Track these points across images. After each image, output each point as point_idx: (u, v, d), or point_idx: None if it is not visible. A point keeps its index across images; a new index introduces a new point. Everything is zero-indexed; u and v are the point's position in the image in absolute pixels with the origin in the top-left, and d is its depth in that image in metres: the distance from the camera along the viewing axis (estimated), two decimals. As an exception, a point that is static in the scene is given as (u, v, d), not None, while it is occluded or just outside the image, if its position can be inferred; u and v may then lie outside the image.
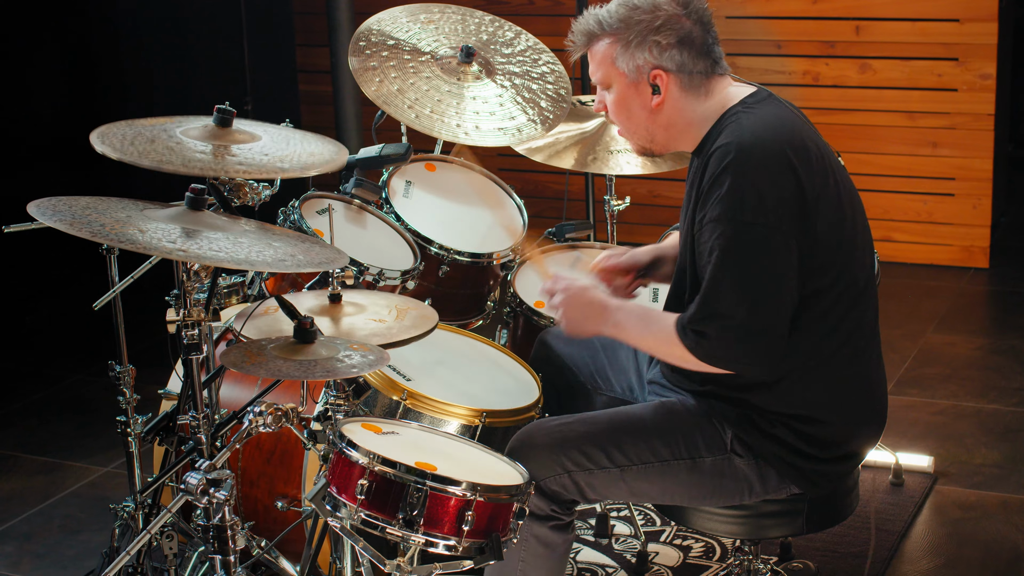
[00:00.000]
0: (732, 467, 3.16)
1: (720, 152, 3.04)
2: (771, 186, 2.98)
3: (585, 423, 3.23)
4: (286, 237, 2.96)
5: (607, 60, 3.18)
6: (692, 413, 3.20)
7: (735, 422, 3.15)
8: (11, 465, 5.05)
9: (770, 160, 3.00)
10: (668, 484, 3.19)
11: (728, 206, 2.98)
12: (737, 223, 2.98)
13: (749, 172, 2.99)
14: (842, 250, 3.10)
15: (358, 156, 4.17)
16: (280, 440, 3.73)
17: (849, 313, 3.14)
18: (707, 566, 4.13)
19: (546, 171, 6.98)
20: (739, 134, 3.05)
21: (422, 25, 4.33)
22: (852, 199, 3.19)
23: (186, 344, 2.96)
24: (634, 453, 3.16)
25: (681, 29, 3.11)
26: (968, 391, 5.43)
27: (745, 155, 3.00)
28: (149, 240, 2.63)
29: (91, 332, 3.75)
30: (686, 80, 3.14)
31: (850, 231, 3.14)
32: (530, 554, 3.16)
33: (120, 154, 2.80)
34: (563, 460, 3.14)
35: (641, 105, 3.18)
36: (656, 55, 3.11)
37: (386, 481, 2.86)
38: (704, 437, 3.16)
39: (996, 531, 4.32)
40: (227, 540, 2.89)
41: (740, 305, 2.98)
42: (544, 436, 3.19)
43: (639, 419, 3.22)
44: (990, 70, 6.63)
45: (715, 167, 3.03)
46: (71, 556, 4.35)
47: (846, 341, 3.14)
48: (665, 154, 3.35)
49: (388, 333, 3.21)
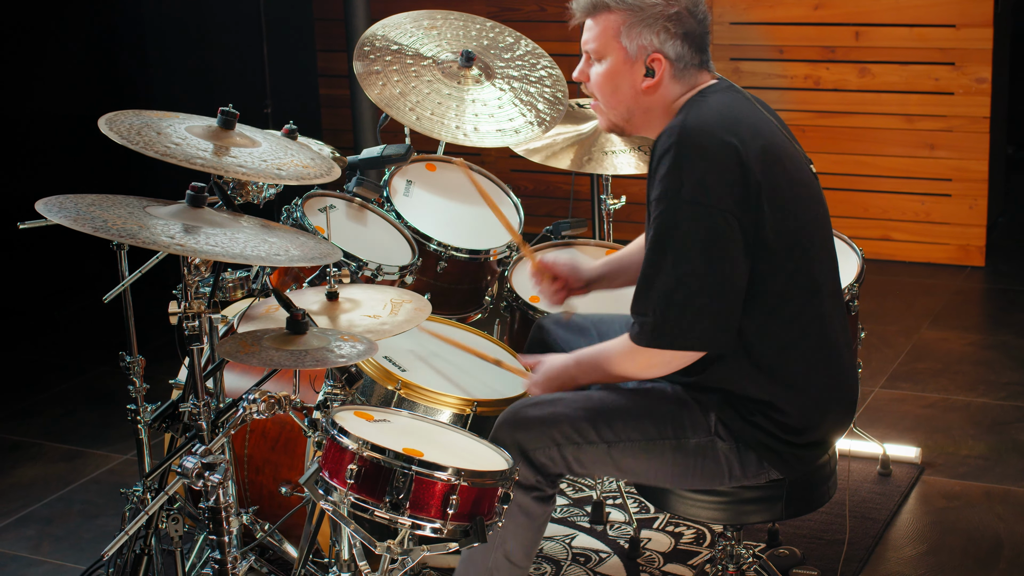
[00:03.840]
0: (715, 450, 3.20)
1: (665, 134, 3.09)
2: (711, 167, 3.02)
3: (576, 400, 3.27)
4: (283, 233, 3.01)
5: (609, 32, 3.20)
6: (679, 396, 3.24)
7: (718, 406, 3.20)
8: (35, 452, 5.14)
9: (711, 143, 3.04)
10: (653, 463, 3.23)
11: (667, 185, 3.04)
12: (676, 201, 3.03)
13: (689, 152, 3.03)
14: (797, 242, 3.14)
15: (360, 156, 4.24)
16: (284, 428, 3.78)
17: (809, 305, 3.17)
18: (697, 552, 4.18)
19: (555, 172, 7.06)
20: (684, 119, 3.10)
21: (425, 31, 4.37)
22: (811, 193, 3.23)
23: (187, 335, 3.03)
24: (622, 430, 3.21)
25: (688, 25, 3.18)
26: (958, 385, 5.46)
27: (687, 136, 3.04)
28: (148, 235, 2.69)
29: (115, 326, 3.83)
30: (679, 71, 3.20)
31: (805, 223, 3.18)
32: (511, 521, 3.22)
33: (126, 141, 2.85)
34: (553, 433, 3.19)
35: (631, 84, 3.22)
36: (661, 40, 3.16)
37: (375, 466, 2.90)
38: (690, 418, 3.20)
39: (979, 520, 4.36)
40: (221, 521, 2.94)
41: (680, 280, 3.03)
42: (536, 409, 3.24)
43: (628, 399, 3.27)
44: (986, 74, 6.66)
45: (660, 149, 3.08)
46: (88, 539, 4.43)
47: (809, 333, 3.18)
48: (633, 135, 3.37)
49: (381, 329, 3.25)
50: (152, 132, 2.95)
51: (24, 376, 5.95)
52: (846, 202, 7.08)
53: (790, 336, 3.17)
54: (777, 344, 3.16)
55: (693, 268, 3.03)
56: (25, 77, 6.57)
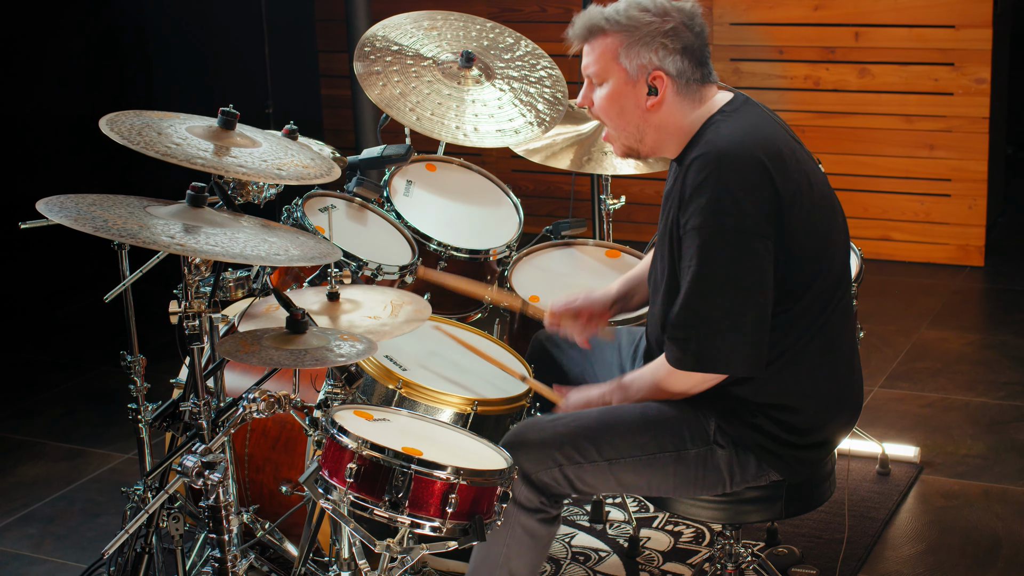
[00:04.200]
0: (714, 458, 3.22)
1: (700, 161, 3.09)
2: (749, 192, 3.04)
3: (575, 420, 3.28)
4: (282, 233, 3.02)
5: (608, 54, 3.21)
6: (677, 407, 3.25)
7: (719, 413, 3.22)
8: (38, 452, 5.16)
9: (747, 167, 3.05)
10: (655, 476, 3.25)
11: (709, 214, 3.05)
12: (717, 230, 3.05)
13: (728, 180, 3.04)
14: (819, 250, 3.16)
15: (361, 156, 4.24)
16: (285, 428, 3.80)
17: (824, 309, 3.19)
18: (696, 550, 4.19)
19: (556, 172, 7.07)
20: (717, 143, 3.10)
21: (425, 31, 4.38)
22: (829, 200, 3.26)
23: (187, 335, 3.04)
24: (622, 446, 3.22)
25: (686, 39, 3.18)
26: (957, 385, 5.47)
27: (724, 163, 3.06)
28: (148, 235, 2.70)
29: (117, 326, 3.84)
30: (682, 86, 3.20)
31: (826, 231, 3.20)
32: (516, 542, 3.23)
33: (127, 141, 2.86)
34: (555, 454, 3.20)
35: (635, 104, 3.22)
36: (660, 57, 3.17)
37: (374, 465, 2.90)
38: (689, 429, 3.22)
39: (977, 519, 4.37)
40: (221, 520, 2.96)
41: (722, 308, 3.06)
42: (536, 432, 3.25)
43: (627, 414, 3.28)
44: (985, 74, 6.67)
45: (696, 175, 3.08)
46: (90, 538, 4.45)
47: (821, 335, 3.20)
48: (650, 157, 3.38)
49: (382, 330, 3.26)
50: (153, 132, 2.96)
51: (26, 376, 5.97)
52: (846, 202, 6.98)
53: (801, 338, 3.19)
54: (788, 346, 3.18)
55: (737, 297, 3.07)
56: (27, 77, 6.58)
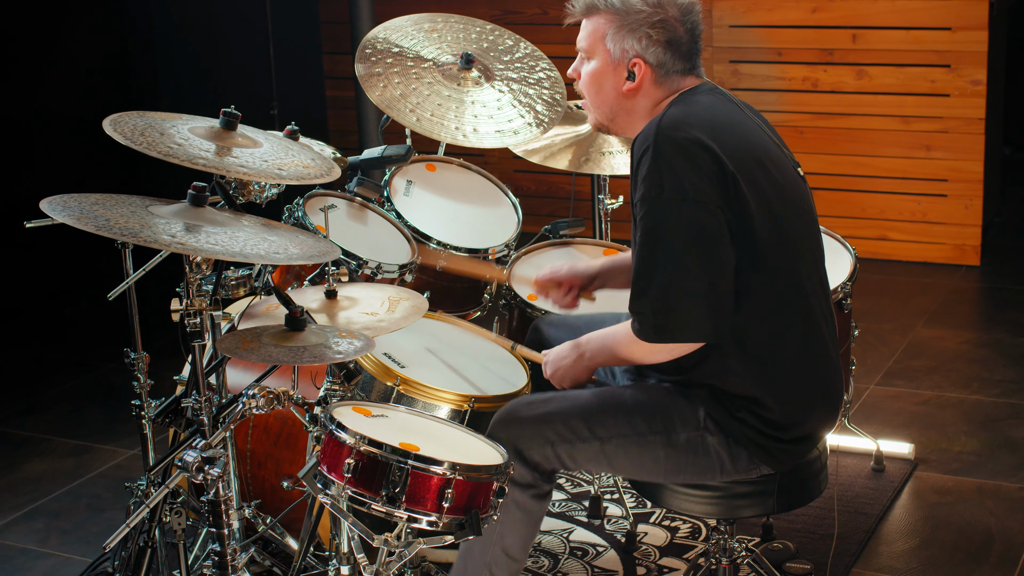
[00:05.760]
0: (705, 444, 3.24)
1: (641, 135, 3.16)
2: (688, 164, 3.07)
3: (568, 399, 3.33)
4: (282, 232, 3.05)
5: (597, 34, 3.28)
6: (669, 392, 3.29)
7: (707, 400, 3.24)
8: (45, 448, 5.20)
9: (685, 141, 3.09)
10: (645, 458, 3.28)
11: (649, 185, 3.09)
12: (656, 198, 3.09)
13: (665, 150, 3.08)
14: (784, 241, 3.18)
15: (361, 157, 4.27)
16: (286, 424, 3.82)
17: (796, 303, 3.21)
18: (692, 546, 4.22)
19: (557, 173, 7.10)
20: (660, 119, 3.16)
21: (426, 34, 4.42)
22: (798, 194, 3.28)
23: (189, 332, 3.07)
24: (613, 426, 3.26)
25: (673, 32, 3.24)
26: (952, 382, 5.48)
27: (661, 136, 3.10)
28: (150, 233, 2.73)
29: (121, 324, 3.86)
30: (661, 76, 3.26)
31: (792, 222, 3.23)
32: (508, 517, 3.28)
33: (129, 142, 2.89)
34: (547, 431, 3.25)
35: (613, 86, 3.30)
36: (643, 47, 3.23)
37: (371, 460, 2.92)
38: (679, 414, 3.24)
39: (970, 515, 4.39)
40: (221, 514, 2.99)
41: (674, 278, 3.08)
42: (529, 409, 3.30)
43: (619, 396, 3.33)
44: (981, 76, 6.68)
45: (638, 150, 3.15)
46: (95, 533, 4.48)
47: (795, 330, 3.22)
48: (617, 135, 3.45)
49: (379, 325, 3.29)
50: (155, 133, 2.99)
51: (33, 373, 6.01)
52: (843, 202, 7.12)
53: (777, 333, 3.21)
54: (764, 341, 3.20)
55: (684, 264, 3.08)
56: (33, 77, 6.59)
